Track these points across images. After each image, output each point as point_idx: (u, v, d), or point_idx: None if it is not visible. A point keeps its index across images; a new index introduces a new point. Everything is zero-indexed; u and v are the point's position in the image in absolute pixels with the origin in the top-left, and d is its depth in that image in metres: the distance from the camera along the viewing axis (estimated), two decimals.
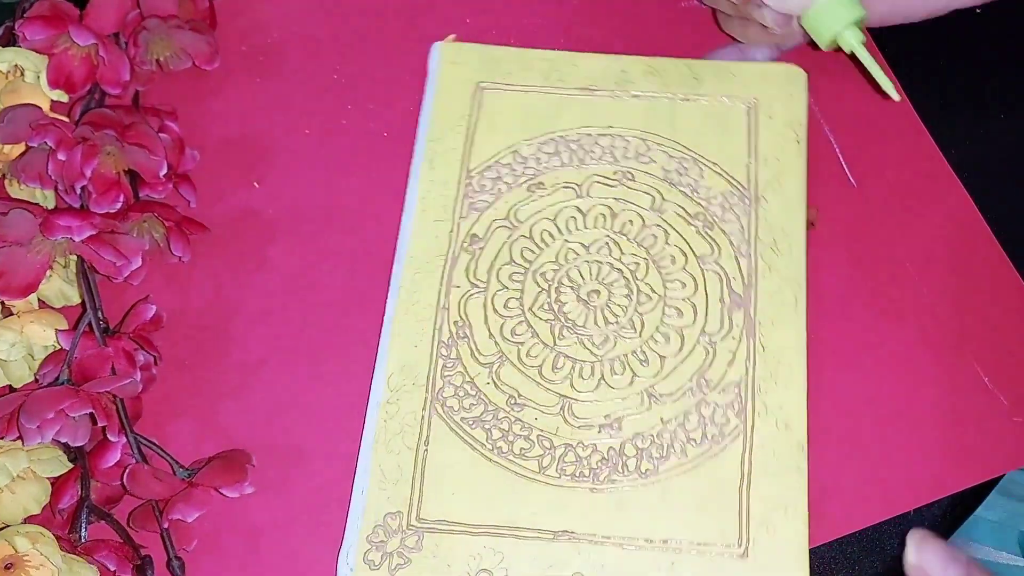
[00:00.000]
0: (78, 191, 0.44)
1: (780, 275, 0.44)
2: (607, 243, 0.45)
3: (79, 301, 0.46)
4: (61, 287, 0.45)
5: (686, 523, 0.40)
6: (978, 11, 0.48)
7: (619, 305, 0.44)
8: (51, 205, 0.47)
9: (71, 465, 0.42)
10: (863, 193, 0.47)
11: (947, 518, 0.42)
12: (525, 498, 0.40)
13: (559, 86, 0.48)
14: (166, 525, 0.41)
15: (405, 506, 0.40)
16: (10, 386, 0.44)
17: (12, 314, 0.44)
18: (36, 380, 0.43)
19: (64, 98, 0.48)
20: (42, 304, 0.46)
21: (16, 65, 0.48)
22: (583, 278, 0.44)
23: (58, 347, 0.43)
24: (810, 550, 0.39)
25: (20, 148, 0.46)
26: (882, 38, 0.48)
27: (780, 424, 0.41)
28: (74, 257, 0.45)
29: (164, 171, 0.46)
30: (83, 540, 0.40)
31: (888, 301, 0.45)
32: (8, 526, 0.40)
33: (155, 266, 0.47)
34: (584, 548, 0.40)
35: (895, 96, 0.44)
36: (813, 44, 0.46)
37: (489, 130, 0.47)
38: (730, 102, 0.47)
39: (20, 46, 0.47)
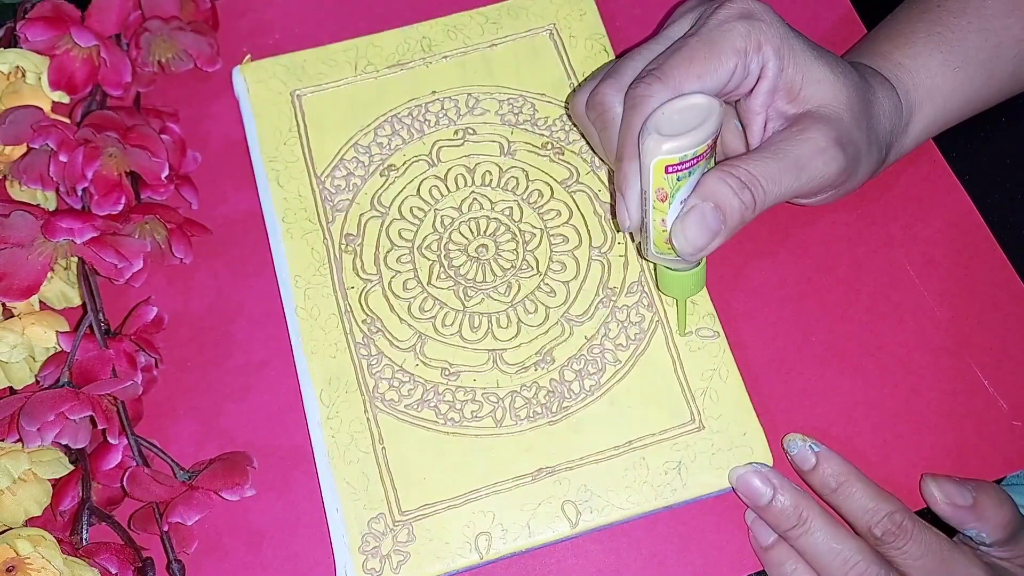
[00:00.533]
0: (79, 193, 0.44)
1: None
2: (475, 199, 0.47)
3: (80, 303, 0.46)
4: (62, 289, 0.45)
5: (641, 420, 0.42)
6: None
7: (508, 251, 0.45)
8: (52, 207, 0.47)
9: (72, 467, 0.42)
10: (864, 195, 0.47)
11: (947, 522, 0.42)
12: (493, 454, 0.42)
13: (370, 71, 0.50)
14: (166, 528, 0.41)
15: (384, 507, 0.41)
16: (11, 388, 0.44)
17: (13, 316, 0.44)
18: (37, 382, 0.43)
19: (65, 99, 0.48)
20: (43, 306, 0.46)
21: (17, 66, 0.48)
22: (466, 238, 0.46)
23: (59, 349, 0.43)
24: None
25: (21, 149, 0.46)
26: None
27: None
28: (75, 259, 0.45)
29: (166, 173, 0.46)
30: (84, 543, 0.40)
31: (888, 304, 0.45)
32: (9, 528, 0.40)
33: (156, 268, 0.47)
34: (563, 477, 0.41)
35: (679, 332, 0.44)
36: None
37: (321, 133, 0.48)
38: (533, 34, 0.50)
39: (21, 47, 0.47)
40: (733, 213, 0.38)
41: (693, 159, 0.37)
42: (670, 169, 0.38)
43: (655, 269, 0.44)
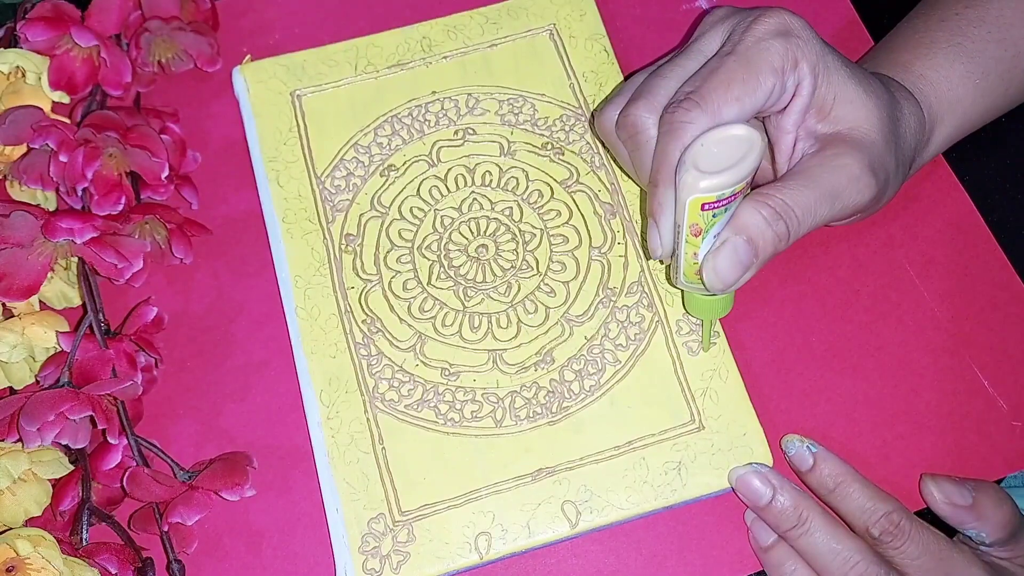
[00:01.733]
0: (79, 193, 0.44)
1: None
2: (475, 199, 0.47)
3: (80, 303, 0.46)
4: (62, 289, 0.45)
5: (641, 420, 0.42)
6: None
7: (509, 251, 0.45)
8: (52, 207, 0.47)
9: (72, 467, 0.42)
10: None
11: (946, 522, 0.42)
12: (493, 454, 0.42)
13: (371, 71, 0.50)
14: (166, 528, 0.41)
15: (384, 507, 0.41)
16: (11, 388, 0.44)
17: (13, 316, 0.44)
18: (37, 382, 0.43)
19: (65, 99, 0.48)
20: (43, 306, 0.46)
21: (18, 66, 0.48)
22: (466, 238, 0.46)
23: (59, 349, 0.43)
24: None
25: (21, 149, 0.46)
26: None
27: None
28: (75, 259, 0.45)
29: (166, 173, 0.46)
30: (84, 543, 0.40)
31: (888, 304, 0.45)
32: (9, 529, 0.40)
33: (156, 268, 0.47)
34: (563, 477, 0.41)
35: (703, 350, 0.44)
36: None
37: (321, 133, 0.48)
38: (533, 35, 0.50)
39: (22, 47, 0.47)
40: (767, 245, 0.38)
41: (731, 196, 0.37)
42: (706, 207, 0.37)
43: (683, 292, 0.43)
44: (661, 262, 0.45)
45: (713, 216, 0.37)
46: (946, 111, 0.44)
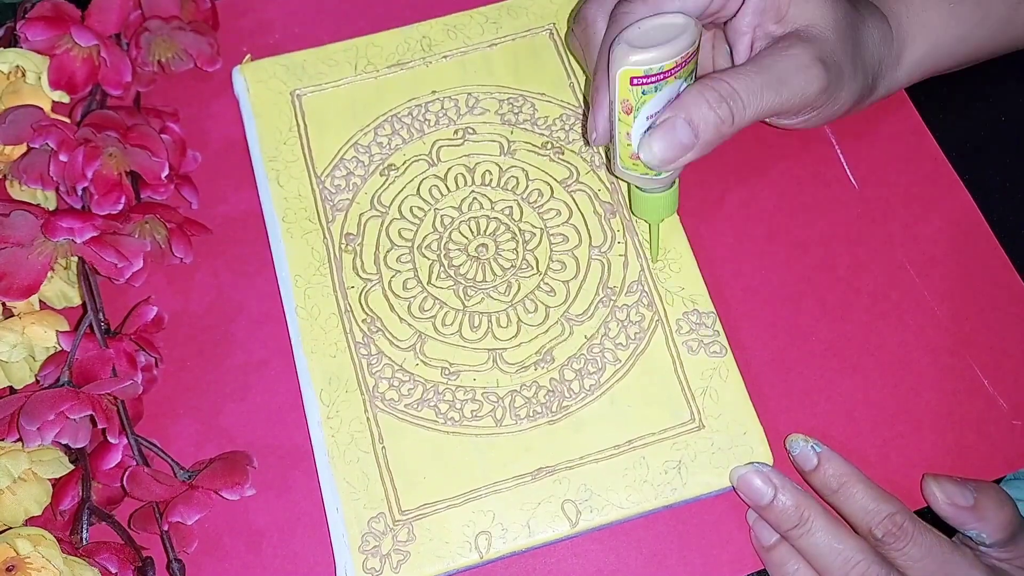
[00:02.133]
0: (79, 192, 0.44)
1: None
2: (475, 199, 0.47)
3: (80, 302, 0.46)
4: (62, 288, 0.45)
5: (641, 419, 0.42)
6: None
7: (508, 250, 0.45)
8: (52, 206, 0.47)
9: (72, 467, 0.42)
10: (864, 195, 0.47)
11: (947, 522, 0.42)
12: (493, 453, 0.42)
13: (370, 70, 0.50)
14: (166, 527, 0.41)
15: (384, 506, 0.41)
16: (11, 387, 0.44)
17: (13, 315, 0.44)
18: (37, 381, 0.43)
19: (65, 99, 0.48)
20: (43, 305, 0.46)
21: (17, 66, 0.48)
22: (466, 237, 0.46)
23: (59, 348, 0.43)
24: None
25: (21, 149, 0.46)
26: None
27: (687, 302, 0.44)
28: (75, 258, 0.44)
29: (166, 172, 0.46)
30: (84, 542, 0.40)
31: (888, 304, 0.45)
32: (9, 528, 0.40)
33: (156, 267, 0.47)
34: (563, 476, 0.41)
35: (651, 260, 0.45)
36: None
37: (321, 132, 0.48)
38: (532, 34, 0.50)
39: (21, 47, 0.47)
40: (708, 128, 0.38)
41: (659, 74, 0.38)
42: (635, 81, 0.38)
43: (628, 193, 0.44)
44: (605, 155, 0.46)
45: (643, 93, 0.38)
46: (917, 31, 0.45)
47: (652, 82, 0.38)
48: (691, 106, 0.38)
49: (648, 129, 0.39)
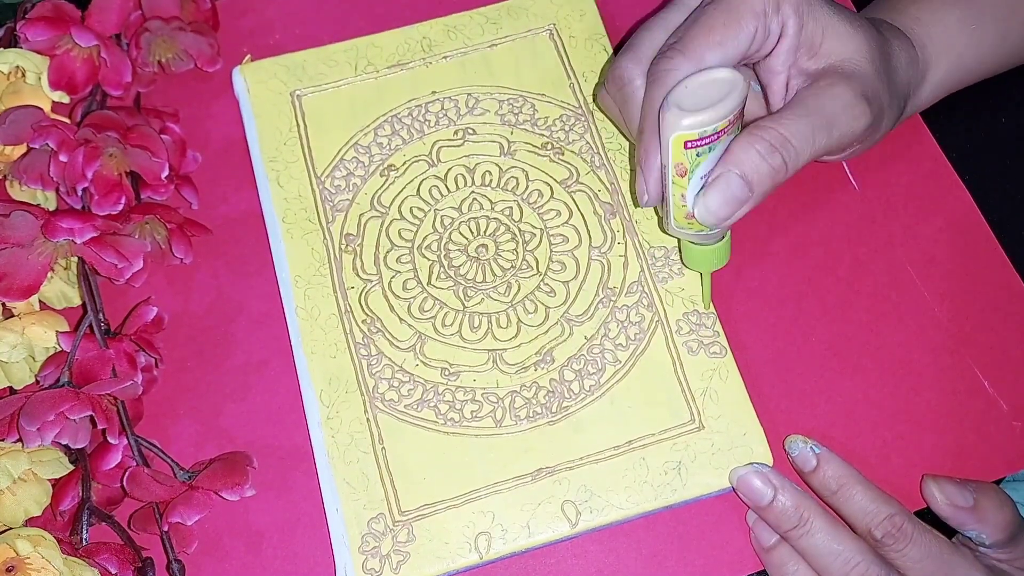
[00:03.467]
0: (80, 193, 0.44)
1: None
2: (475, 199, 0.47)
3: (80, 303, 0.46)
4: (62, 289, 0.45)
5: (641, 419, 0.42)
6: None
7: (508, 251, 0.45)
8: (52, 207, 0.47)
9: (72, 467, 0.42)
10: (865, 195, 0.47)
11: (946, 523, 0.42)
12: (493, 454, 0.42)
13: (370, 71, 0.50)
14: (166, 528, 0.41)
15: (384, 507, 0.41)
16: (11, 388, 0.44)
17: (13, 316, 0.44)
18: (37, 382, 0.43)
19: (65, 99, 0.48)
20: (43, 306, 0.46)
21: (17, 66, 0.48)
22: (466, 238, 0.46)
23: (59, 349, 0.43)
24: None
25: (21, 149, 0.46)
26: None
27: (687, 303, 0.44)
28: (75, 259, 0.45)
29: (166, 173, 0.46)
30: (84, 543, 0.40)
31: (888, 304, 0.45)
32: (9, 528, 0.40)
33: (156, 268, 0.47)
34: (563, 477, 0.41)
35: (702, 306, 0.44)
36: None
37: (321, 133, 0.48)
38: (533, 35, 0.50)
39: (22, 47, 0.47)
40: (762, 179, 0.38)
41: (713, 135, 0.37)
42: (689, 145, 0.37)
43: (679, 243, 0.44)
44: (656, 212, 0.45)
45: (697, 155, 0.38)
46: (940, 53, 0.45)
47: (706, 144, 0.37)
48: (744, 161, 0.38)
49: (702, 188, 0.38)
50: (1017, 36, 0.46)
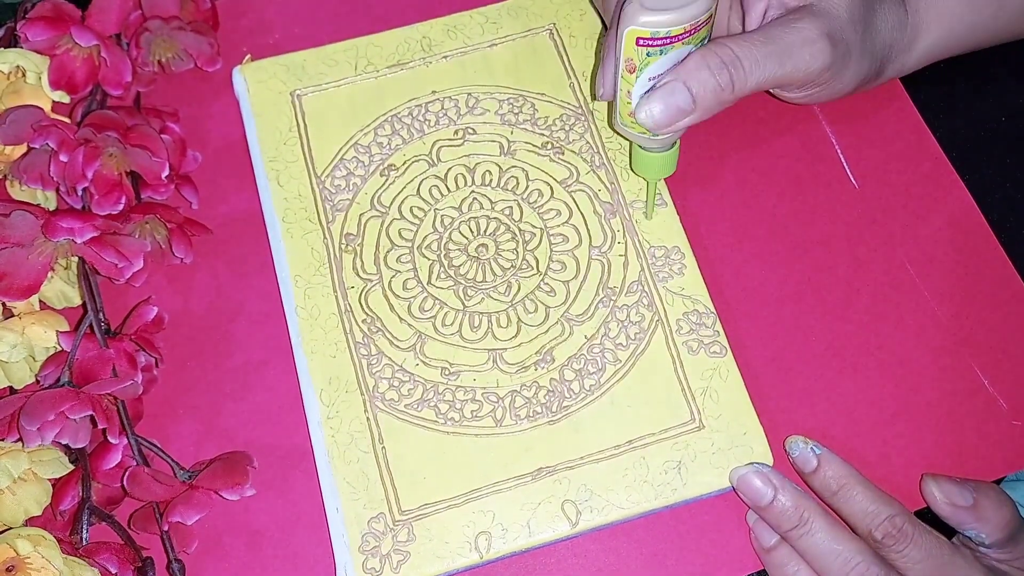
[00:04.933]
0: (80, 192, 0.44)
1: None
2: (475, 199, 0.47)
3: (80, 302, 0.46)
4: (62, 288, 0.45)
5: (641, 419, 0.42)
6: None
7: (508, 250, 0.46)
8: (52, 206, 0.47)
9: (72, 467, 0.42)
10: (864, 194, 0.47)
11: (946, 523, 0.42)
12: (493, 454, 0.42)
13: (370, 71, 0.50)
14: (166, 527, 0.41)
15: (384, 506, 0.41)
16: (11, 388, 0.44)
17: (13, 315, 0.44)
18: (37, 381, 0.43)
19: (66, 99, 0.48)
20: (43, 305, 0.46)
21: (18, 66, 0.48)
22: (466, 237, 0.46)
23: (59, 349, 0.43)
24: None
25: (22, 149, 0.46)
26: None
27: (687, 302, 0.44)
28: (75, 259, 0.45)
29: (166, 173, 0.46)
30: (84, 542, 0.40)
31: (888, 304, 0.45)
32: (9, 528, 0.40)
33: (157, 267, 0.47)
34: (563, 476, 0.41)
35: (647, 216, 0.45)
36: None
37: (321, 133, 0.48)
38: (533, 34, 0.50)
39: (22, 47, 0.47)
40: (707, 94, 0.38)
41: (666, 39, 0.38)
42: (640, 42, 0.38)
43: (630, 148, 0.44)
44: (609, 108, 0.45)
45: (647, 55, 0.38)
46: (933, 19, 0.45)
47: (657, 45, 0.38)
48: (692, 71, 0.38)
49: (649, 90, 0.39)
50: (1012, 10, 0.46)
